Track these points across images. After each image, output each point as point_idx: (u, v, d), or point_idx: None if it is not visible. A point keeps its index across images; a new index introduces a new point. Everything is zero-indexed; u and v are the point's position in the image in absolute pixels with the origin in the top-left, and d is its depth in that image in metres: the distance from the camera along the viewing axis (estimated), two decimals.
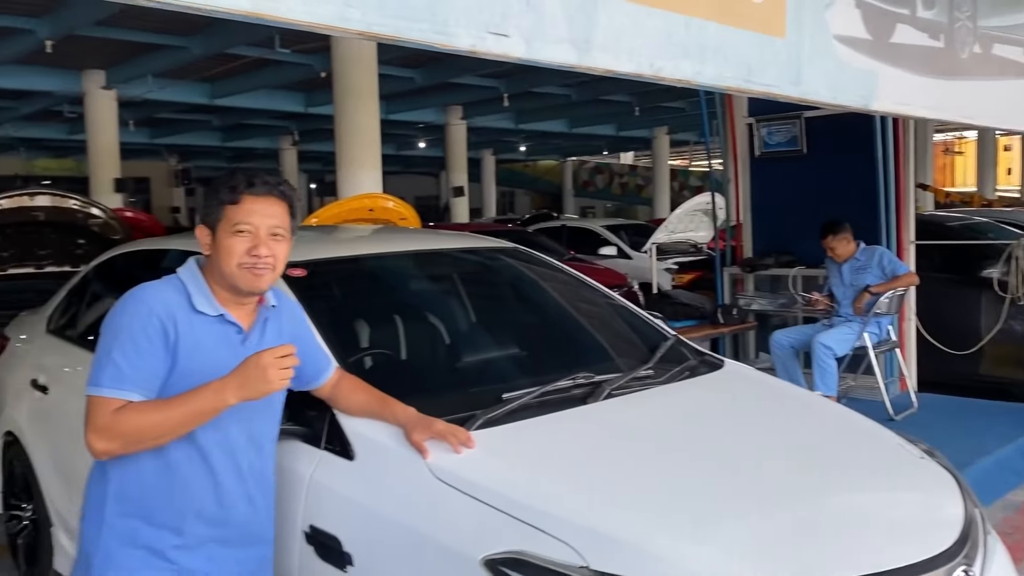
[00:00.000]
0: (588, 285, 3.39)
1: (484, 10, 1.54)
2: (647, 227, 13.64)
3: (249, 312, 2.03)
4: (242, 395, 1.82)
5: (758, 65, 2.08)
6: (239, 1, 1.20)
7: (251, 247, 1.92)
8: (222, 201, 1.94)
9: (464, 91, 17.13)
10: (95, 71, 14.13)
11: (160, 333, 1.86)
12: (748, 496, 2.06)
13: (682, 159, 32.79)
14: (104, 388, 1.83)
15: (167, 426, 1.85)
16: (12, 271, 6.40)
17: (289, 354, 1.83)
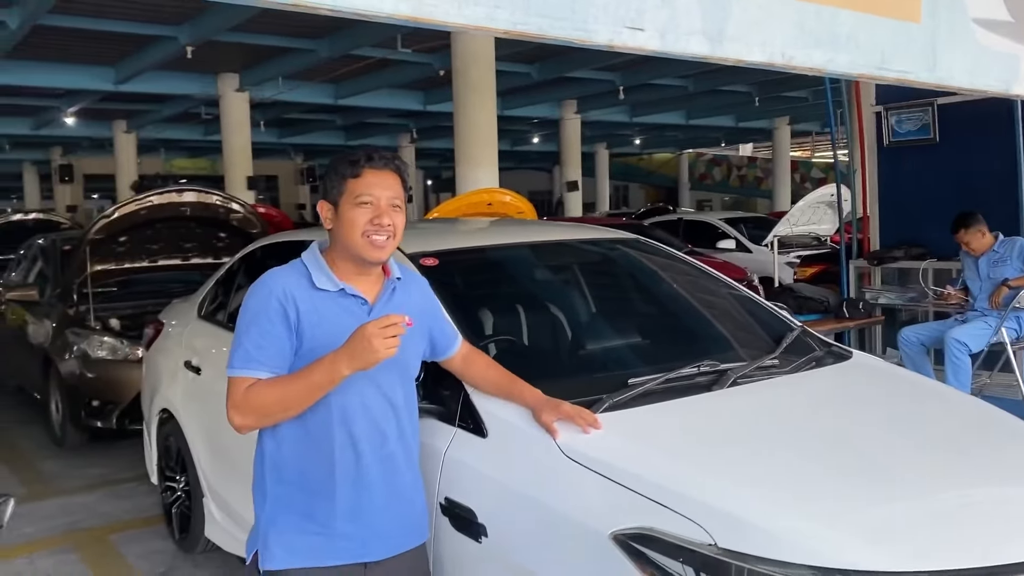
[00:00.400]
0: (711, 275, 3.41)
1: (621, 6, 1.61)
2: (767, 220, 13.35)
3: (374, 283, 2.11)
4: (354, 365, 1.88)
5: (892, 51, 2.06)
6: (400, 6, 1.32)
7: (373, 216, 2.01)
8: (344, 175, 2.03)
9: (579, 85, 17.16)
10: (230, 74, 14.91)
11: (280, 313, 1.97)
12: (881, 484, 2.06)
13: (804, 150, 31.76)
14: (236, 369, 1.98)
15: (291, 399, 1.95)
16: (162, 262, 6.88)
17: (394, 323, 1.86)
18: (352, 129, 23.67)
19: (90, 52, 12.85)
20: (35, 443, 6.38)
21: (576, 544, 1.99)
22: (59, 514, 4.80)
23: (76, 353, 5.90)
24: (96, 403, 5.81)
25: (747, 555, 1.79)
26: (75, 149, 24.25)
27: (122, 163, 20.48)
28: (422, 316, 2.19)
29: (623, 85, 16.02)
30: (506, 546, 2.14)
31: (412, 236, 3.12)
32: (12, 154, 24.79)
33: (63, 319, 6.24)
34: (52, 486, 5.35)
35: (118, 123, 20.03)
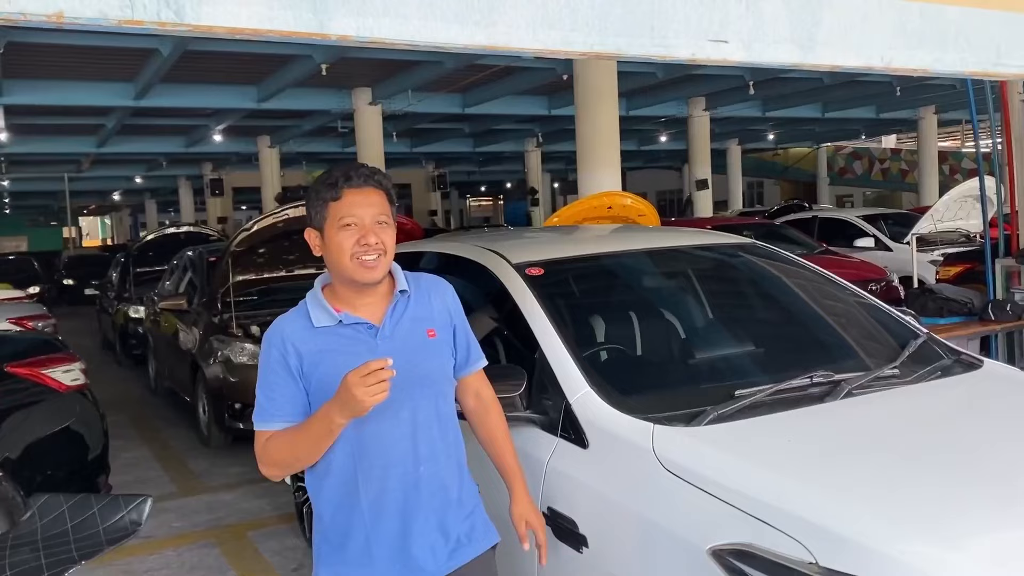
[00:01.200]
0: (830, 280, 3.29)
1: (703, 19, 1.59)
2: (910, 216, 12.65)
3: (379, 303, 2.02)
4: (346, 414, 1.80)
5: (1009, 46, 1.93)
6: (475, 36, 1.36)
7: (359, 237, 1.92)
8: (324, 199, 1.95)
9: (707, 82, 16.82)
10: (363, 89, 15.51)
11: (280, 363, 1.94)
12: (1007, 506, 1.93)
13: (953, 140, 29.89)
14: (256, 422, 1.98)
15: (299, 450, 1.93)
16: (298, 272, 7.25)
17: (374, 371, 1.74)
18: (480, 136, 24.09)
19: (234, 73, 13.68)
20: (185, 443, 6.86)
21: (674, 558, 1.98)
22: (204, 510, 5.15)
23: (220, 358, 6.31)
24: (238, 406, 6.20)
25: (849, 575, 1.73)
26: (224, 164, 25.81)
27: (267, 176, 21.63)
28: (444, 323, 2.09)
29: (753, 80, 15.58)
30: (606, 557, 2.15)
31: (518, 245, 3.18)
32: (169, 170, 26.62)
33: (208, 326, 6.69)
34: (199, 484, 5.74)
35: (262, 139, 21.20)
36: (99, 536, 2.28)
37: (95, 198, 38.74)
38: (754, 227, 11.17)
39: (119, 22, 1.07)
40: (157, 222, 36.79)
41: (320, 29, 1.21)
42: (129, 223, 48.15)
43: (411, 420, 1.99)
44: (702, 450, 2.13)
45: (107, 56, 11.84)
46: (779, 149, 31.74)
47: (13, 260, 23.25)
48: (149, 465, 6.27)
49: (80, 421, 4.22)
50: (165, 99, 14.18)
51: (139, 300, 10.06)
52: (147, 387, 9.22)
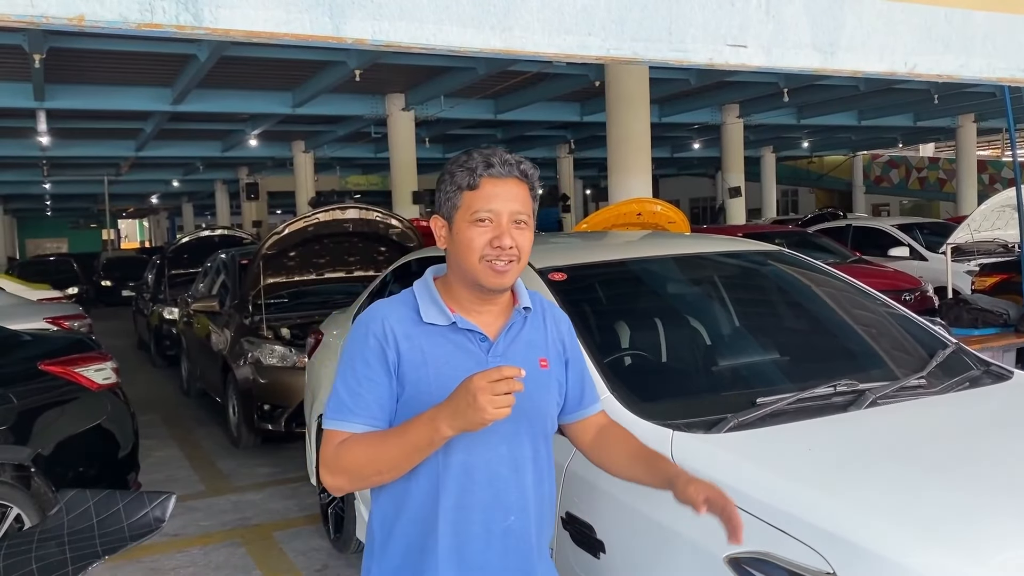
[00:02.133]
0: (858, 289, 3.25)
1: (722, 24, 1.58)
2: (947, 225, 12.45)
3: (498, 316, 1.78)
4: (457, 425, 1.53)
5: None
6: (491, 41, 1.37)
7: (493, 237, 1.68)
8: (459, 187, 1.70)
9: (741, 88, 16.72)
10: (396, 95, 15.64)
11: (379, 355, 1.68)
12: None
13: (993, 149, 29.38)
14: (330, 419, 1.69)
15: (384, 460, 1.62)
16: (328, 275, 7.32)
17: (507, 377, 1.49)
18: (512, 142, 24.14)
19: (270, 79, 13.87)
20: (215, 443, 6.94)
21: (690, 565, 1.96)
22: (232, 510, 5.20)
23: (250, 360, 6.38)
24: (267, 407, 6.27)
25: None
26: (259, 168, 26.15)
27: (301, 181, 21.89)
28: (557, 355, 1.85)
29: (788, 87, 15.47)
30: (623, 563, 2.14)
31: (543, 251, 3.18)
32: (205, 174, 27.03)
33: (239, 328, 6.77)
34: (227, 483, 5.81)
35: (297, 143, 21.46)
36: (123, 532, 2.32)
37: (133, 201, 39.43)
38: (786, 235, 11.06)
39: (138, 25, 1.09)
40: (194, 225, 37.35)
41: (336, 33, 1.23)
42: (166, 226, 48.95)
43: (510, 457, 1.74)
44: (720, 457, 2.12)
45: (145, 61, 12.07)
46: (814, 157, 31.43)
47: (53, 261, 23.77)
48: (179, 464, 6.35)
49: (111, 419, 4.29)
50: (202, 104, 14.42)
51: (173, 302, 10.21)
52: (179, 388, 9.35)
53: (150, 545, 4.19)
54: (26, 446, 3.86)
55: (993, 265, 8.69)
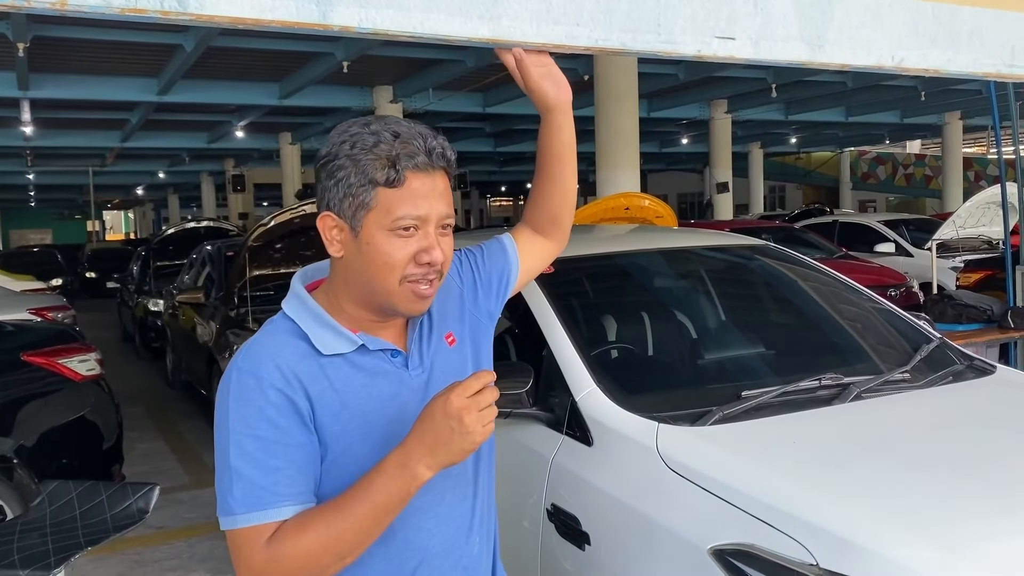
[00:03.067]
0: (843, 284, 3.27)
1: (710, 16, 1.58)
2: (932, 222, 12.54)
3: (401, 323, 1.43)
4: (439, 463, 1.23)
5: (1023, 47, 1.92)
6: (479, 30, 1.36)
7: (419, 250, 1.31)
8: (371, 180, 1.29)
9: (729, 84, 16.77)
10: (384, 87, 15.59)
11: (286, 409, 1.27)
12: (1009, 510, 1.91)
13: (979, 146, 29.59)
14: (239, 515, 1.24)
15: (347, 542, 1.23)
16: None
17: (486, 383, 1.23)
18: (501, 136, 24.12)
19: (257, 70, 13.79)
20: (200, 435, 6.92)
21: (674, 557, 1.97)
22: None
23: (235, 352, 6.34)
24: None
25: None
26: (246, 160, 26.01)
27: (287, 173, 21.79)
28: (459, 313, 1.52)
29: (776, 83, 15.51)
30: (608, 555, 2.14)
31: None
32: (191, 166, 26.87)
33: (225, 320, 6.74)
34: (212, 476, 5.77)
35: (283, 135, 21.35)
36: (106, 523, 2.31)
37: (119, 192, 39.19)
38: (773, 231, 11.11)
39: (122, 11, 1.08)
40: (179, 217, 37.16)
41: (322, 20, 1.22)
42: (152, 218, 48.67)
43: (470, 476, 1.47)
44: (705, 450, 2.12)
45: (131, 51, 11.97)
46: (801, 153, 31.56)
47: (37, 252, 23.61)
48: (164, 456, 6.32)
49: (94, 411, 4.27)
50: (188, 95, 14.32)
51: (158, 293, 10.16)
52: (164, 380, 9.31)
53: (134, 537, 4.17)
54: (8, 437, 3.84)
55: (977, 261, 8.77)
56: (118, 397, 4.70)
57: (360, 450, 1.31)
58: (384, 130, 1.30)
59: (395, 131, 1.30)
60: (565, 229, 1.72)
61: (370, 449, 1.31)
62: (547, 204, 1.67)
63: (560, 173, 1.64)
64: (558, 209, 1.67)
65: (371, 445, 1.31)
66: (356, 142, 1.30)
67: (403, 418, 1.33)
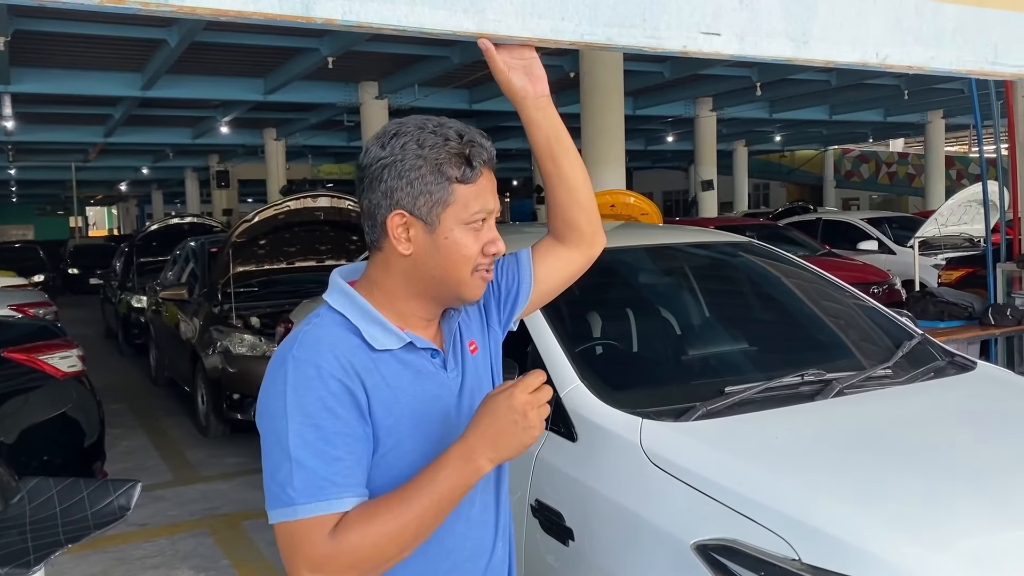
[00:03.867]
0: (826, 281, 3.28)
1: (696, 11, 1.58)
2: (915, 220, 12.63)
3: (436, 325, 1.46)
4: (500, 456, 1.27)
5: (1007, 45, 1.92)
6: (464, 24, 1.35)
7: (489, 242, 1.38)
8: (447, 177, 1.33)
9: (714, 82, 16.81)
10: (370, 83, 15.53)
11: (346, 400, 1.28)
12: (992, 507, 1.93)
13: (961, 145, 29.80)
14: (300, 506, 1.23)
15: (411, 533, 1.25)
16: (299, 264, 7.26)
17: (543, 380, 1.29)
18: (488, 132, 23.95)
19: (241, 65, 13.70)
20: (183, 432, 6.88)
21: (658, 552, 1.97)
22: (200, 499, 5.16)
23: (219, 349, 6.32)
24: (236, 396, 6.21)
25: (833, 572, 1.73)
26: (230, 156, 25.85)
27: (272, 169, 21.68)
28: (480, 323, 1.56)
29: (760, 81, 15.57)
30: (592, 550, 2.15)
31: (515, 240, 3.18)
32: (175, 162, 26.69)
33: (208, 317, 6.70)
34: (196, 473, 5.76)
35: (268, 131, 21.24)
36: (87, 520, 2.28)
37: (102, 188, 38.86)
38: (757, 228, 11.16)
39: (101, 2, 1.06)
40: (163, 213, 36.91)
41: (305, 12, 1.21)
42: (135, 213, 48.30)
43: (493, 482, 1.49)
44: (689, 445, 2.13)
45: (114, 46, 11.87)
46: (786, 151, 31.69)
47: (19, 248, 23.37)
48: (147, 454, 6.28)
49: (76, 407, 4.23)
50: (172, 90, 14.21)
51: (142, 290, 10.09)
52: (147, 376, 9.24)
53: (116, 534, 4.15)
54: None
55: (959, 259, 8.84)
56: (100, 394, 4.66)
57: (409, 446, 1.33)
58: (448, 129, 1.36)
59: (458, 130, 1.36)
60: (585, 233, 1.66)
61: (418, 445, 1.34)
62: (555, 206, 1.63)
63: (555, 171, 1.60)
64: (567, 210, 1.62)
65: (418, 442, 1.34)
66: (424, 141, 1.33)
67: (444, 416, 1.38)
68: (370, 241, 1.39)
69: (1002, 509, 1.92)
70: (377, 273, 1.40)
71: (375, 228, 1.37)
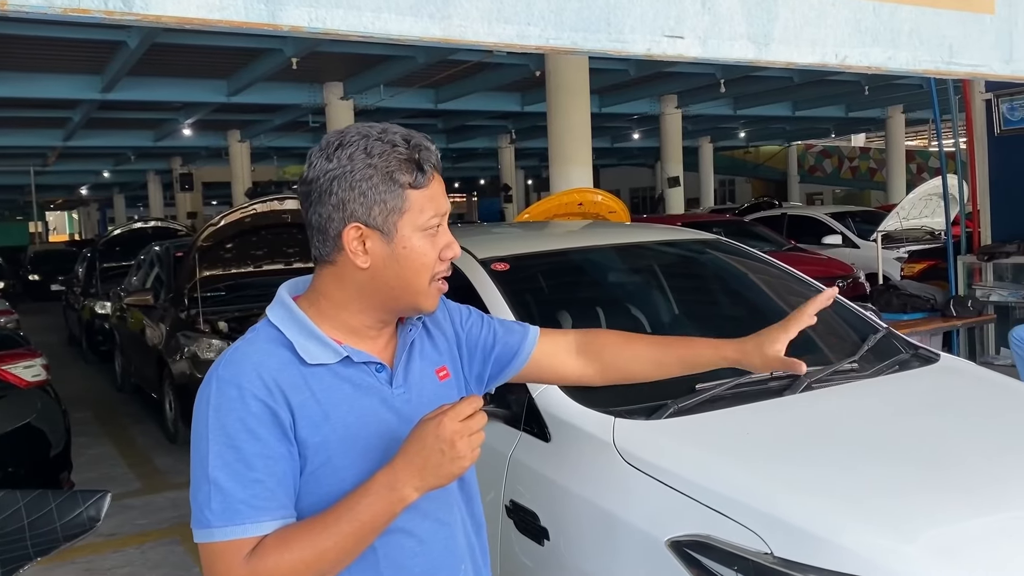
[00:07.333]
0: (792, 276, 3.33)
1: (659, 15, 1.60)
2: (878, 214, 12.82)
3: (389, 337, 1.41)
4: (427, 485, 1.22)
5: (961, 45, 1.97)
6: (430, 29, 1.36)
7: (443, 246, 1.35)
8: (398, 183, 1.29)
9: (679, 79, 16.94)
10: (334, 84, 15.44)
11: (268, 420, 1.25)
12: (953, 495, 1.97)
13: (921, 139, 30.33)
14: (216, 529, 1.22)
15: (330, 560, 1.22)
16: (267, 267, 7.20)
17: (477, 409, 1.23)
18: (453, 132, 24.05)
19: (203, 67, 13.55)
20: (151, 439, 6.79)
21: (632, 550, 1.99)
22: (169, 507, 5.10)
23: (186, 354, 6.25)
24: None
25: (804, 565, 1.76)
26: (194, 159, 25.55)
27: (237, 171, 21.45)
28: (450, 349, 1.53)
29: (724, 78, 15.72)
30: (567, 549, 2.16)
31: (485, 241, 3.19)
32: (137, 164, 26.31)
33: (175, 322, 6.62)
34: (164, 480, 5.69)
35: (232, 133, 21.02)
36: (56, 532, 2.26)
37: (62, 192, 38.21)
38: (724, 224, 11.28)
39: (64, 10, 1.05)
40: (126, 217, 36.36)
41: (271, 20, 1.20)
42: (97, 218, 47.52)
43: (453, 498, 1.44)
44: (661, 443, 2.15)
45: (73, 48, 11.68)
46: (750, 147, 32.03)
47: None
48: (114, 462, 6.20)
49: (41, 417, 4.16)
50: (133, 92, 14.01)
51: (105, 296, 9.94)
52: (113, 384, 9.11)
53: (85, 545, 4.08)
54: None
55: (921, 252, 9.00)
56: (65, 402, 4.59)
57: (340, 463, 1.29)
58: (393, 135, 1.31)
59: (403, 135, 1.31)
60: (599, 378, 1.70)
61: (350, 462, 1.30)
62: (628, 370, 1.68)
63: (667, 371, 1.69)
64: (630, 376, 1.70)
65: (351, 459, 1.30)
66: (371, 150, 1.29)
67: (383, 433, 1.33)
68: (319, 255, 1.35)
69: (967, 498, 1.96)
70: (327, 286, 1.36)
71: (327, 242, 1.32)
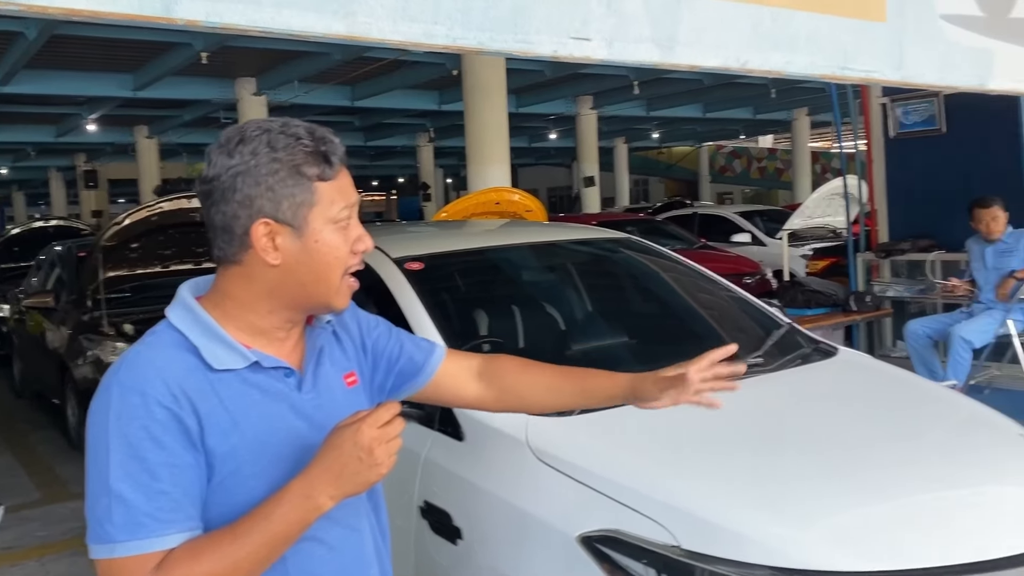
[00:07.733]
0: (701, 274, 3.41)
1: (565, 17, 1.62)
2: (784, 213, 13.24)
3: (297, 339, 1.36)
4: (342, 493, 1.19)
5: (855, 51, 2.05)
6: (333, 26, 1.34)
7: (355, 239, 1.30)
8: (306, 176, 1.25)
9: (594, 81, 17.14)
10: (247, 79, 15.07)
11: (173, 428, 1.19)
12: (853, 485, 2.06)
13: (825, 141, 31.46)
14: (118, 544, 1.15)
15: (250, 565, 1.17)
16: (175, 268, 6.98)
17: (395, 413, 1.20)
18: (371, 130, 23.80)
19: (108, 60, 13.04)
20: (52, 447, 6.51)
21: (545, 546, 2.01)
22: (72, 517, 4.90)
23: (90, 358, 6.01)
24: None
25: (710, 556, 1.81)
26: (99, 155, 24.59)
27: (145, 168, 20.74)
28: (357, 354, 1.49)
29: (638, 80, 15.98)
30: (480, 548, 2.17)
31: (399, 240, 3.17)
32: (38, 161, 25.17)
33: (78, 325, 6.36)
34: (66, 490, 5.46)
35: (139, 129, 20.29)
36: None
37: None
38: (637, 223, 11.48)
39: None
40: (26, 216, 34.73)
41: (166, 13, 1.17)
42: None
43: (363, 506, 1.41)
44: (572, 439, 2.18)
45: None
46: (663, 148, 32.67)
47: None
48: (13, 471, 5.92)
49: None
50: (32, 86, 13.39)
51: (3, 298, 9.49)
52: (11, 389, 8.70)
53: None
54: None
55: (824, 249, 9.34)
56: None
57: (249, 471, 1.24)
58: (296, 128, 1.27)
59: (307, 128, 1.27)
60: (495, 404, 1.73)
61: (260, 471, 1.25)
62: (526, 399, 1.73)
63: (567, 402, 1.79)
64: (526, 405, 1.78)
65: (261, 467, 1.25)
66: (275, 144, 1.24)
67: (293, 440, 1.28)
68: (223, 255, 1.28)
69: (862, 486, 2.05)
70: (233, 287, 1.29)
71: (232, 241, 1.26)
